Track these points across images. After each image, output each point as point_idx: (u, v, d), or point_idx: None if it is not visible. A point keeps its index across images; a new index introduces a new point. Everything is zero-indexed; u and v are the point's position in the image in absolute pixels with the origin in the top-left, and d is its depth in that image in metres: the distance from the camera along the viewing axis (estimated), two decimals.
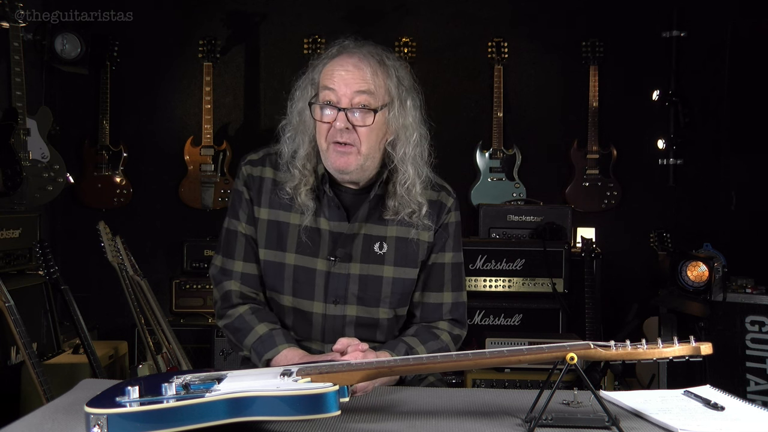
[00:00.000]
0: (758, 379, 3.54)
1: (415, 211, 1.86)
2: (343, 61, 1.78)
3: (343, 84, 1.76)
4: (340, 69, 1.77)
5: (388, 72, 1.81)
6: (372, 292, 1.88)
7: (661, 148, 4.54)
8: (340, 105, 1.76)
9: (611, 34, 4.64)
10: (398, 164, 1.84)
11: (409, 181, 1.84)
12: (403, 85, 1.83)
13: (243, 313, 1.88)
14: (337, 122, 1.76)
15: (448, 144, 4.55)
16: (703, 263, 3.53)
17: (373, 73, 1.78)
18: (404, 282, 1.91)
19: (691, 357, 1.36)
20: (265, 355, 1.79)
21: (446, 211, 1.94)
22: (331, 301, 1.87)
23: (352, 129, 1.76)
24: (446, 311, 1.95)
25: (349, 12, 4.67)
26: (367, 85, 1.76)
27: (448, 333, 1.94)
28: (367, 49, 1.81)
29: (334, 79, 1.77)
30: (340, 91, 1.76)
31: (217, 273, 1.94)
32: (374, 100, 1.77)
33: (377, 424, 1.43)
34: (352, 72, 1.76)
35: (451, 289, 1.96)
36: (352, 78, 1.76)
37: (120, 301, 3.60)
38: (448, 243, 1.95)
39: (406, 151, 1.83)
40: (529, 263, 3.89)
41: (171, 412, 1.25)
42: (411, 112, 1.84)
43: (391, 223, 1.88)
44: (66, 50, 4.17)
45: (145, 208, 4.66)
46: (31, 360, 2.75)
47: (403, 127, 1.83)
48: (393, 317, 1.92)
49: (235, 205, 1.93)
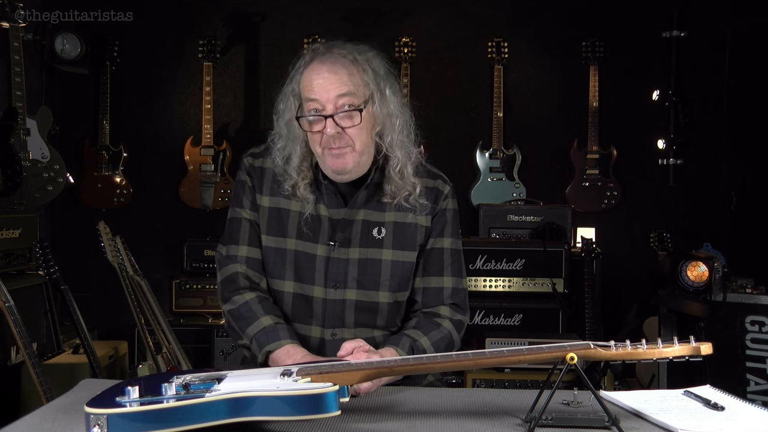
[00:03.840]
0: (758, 379, 3.54)
1: (410, 193, 1.90)
2: (317, 68, 1.81)
3: (323, 91, 1.79)
4: (317, 77, 1.80)
5: (362, 67, 1.83)
6: (371, 275, 1.91)
7: (661, 148, 4.54)
8: (326, 112, 1.79)
9: (611, 34, 4.64)
10: (388, 151, 1.88)
11: (400, 164, 1.88)
12: (380, 75, 1.86)
13: (249, 301, 1.89)
14: (327, 129, 1.79)
15: (448, 144, 4.57)
16: (703, 263, 3.53)
17: (349, 74, 1.81)
18: (403, 265, 1.93)
19: (691, 357, 1.36)
20: (267, 346, 1.80)
21: (443, 198, 1.98)
22: (331, 285, 1.90)
23: (342, 132, 1.80)
24: (447, 296, 1.97)
25: (349, 12, 4.68)
26: (346, 87, 1.79)
27: (449, 319, 1.95)
28: (338, 51, 1.83)
29: (313, 88, 1.80)
30: (322, 99, 1.79)
31: (221, 258, 1.97)
32: (356, 99, 1.81)
33: (377, 424, 1.43)
34: (328, 78, 1.79)
35: (451, 274, 1.97)
36: (330, 84, 1.79)
37: (120, 301, 3.60)
38: (446, 228, 1.97)
39: (393, 137, 1.88)
40: (529, 263, 3.89)
41: (171, 412, 1.25)
42: (392, 99, 1.88)
43: (389, 209, 1.92)
44: (66, 50, 4.17)
45: (145, 208, 4.66)
46: (31, 360, 2.75)
47: (387, 115, 1.87)
48: (393, 302, 1.94)
49: (239, 193, 1.97)
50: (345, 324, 1.91)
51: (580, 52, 4.62)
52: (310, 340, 1.91)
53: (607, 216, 4.67)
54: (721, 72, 4.51)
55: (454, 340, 1.95)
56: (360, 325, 1.92)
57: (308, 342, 1.90)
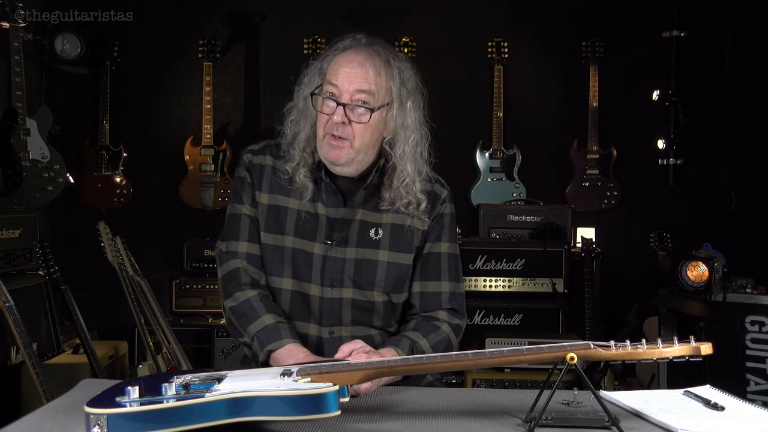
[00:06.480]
0: (758, 379, 3.54)
1: (411, 203, 1.91)
2: (350, 57, 1.84)
3: (346, 81, 1.82)
4: (345, 66, 1.83)
5: (392, 73, 1.86)
6: (367, 275, 1.91)
7: (661, 148, 4.54)
8: (341, 100, 1.82)
9: (611, 34, 4.64)
10: (396, 162, 1.89)
11: (408, 178, 1.90)
12: (406, 87, 1.89)
13: (251, 298, 1.89)
14: (335, 116, 1.82)
15: (448, 144, 4.56)
16: (703, 263, 3.52)
17: (377, 73, 1.83)
18: (399, 267, 1.94)
19: (691, 357, 1.36)
20: (269, 345, 1.80)
21: (441, 202, 1.99)
22: (327, 284, 1.90)
23: (348, 123, 1.83)
24: (445, 300, 1.97)
25: (349, 12, 4.67)
26: (369, 84, 1.82)
27: (448, 323, 1.96)
28: (376, 48, 1.87)
29: (338, 74, 1.83)
30: (342, 87, 1.82)
31: (221, 254, 1.97)
32: (373, 99, 1.83)
33: (377, 424, 1.43)
34: (356, 70, 1.82)
35: (448, 279, 1.98)
36: (356, 76, 1.82)
37: (120, 301, 3.60)
38: (443, 233, 1.98)
39: (405, 150, 1.89)
40: (529, 263, 3.89)
41: (171, 412, 1.25)
42: (411, 113, 1.89)
43: (387, 211, 1.93)
44: (66, 50, 4.17)
45: (145, 208, 4.66)
46: (31, 360, 2.74)
47: (402, 127, 1.88)
48: (387, 301, 1.95)
49: (238, 190, 1.98)
50: (342, 322, 1.92)
51: (580, 52, 4.62)
52: (308, 338, 1.92)
53: (607, 216, 4.67)
54: (721, 72, 4.51)
55: (453, 343, 1.95)
56: (357, 324, 1.93)
57: (306, 340, 1.90)
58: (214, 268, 2.05)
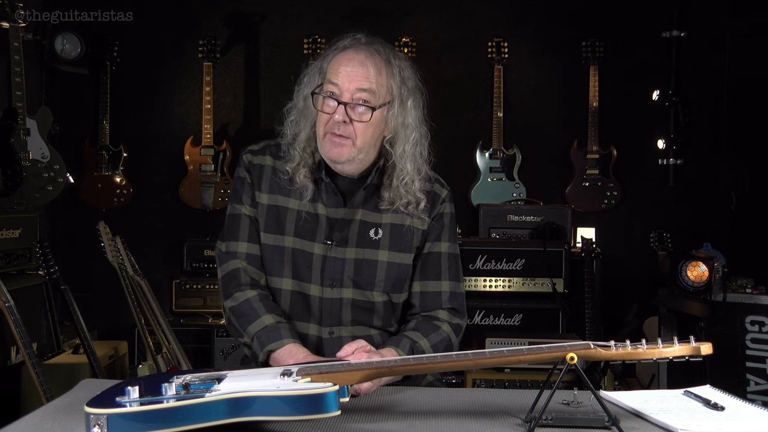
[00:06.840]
0: (758, 379, 3.54)
1: (411, 203, 1.92)
2: (350, 56, 1.84)
3: (347, 80, 1.82)
4: (346, 65, 1.83)
5: (393, 71, 1.86)
6: (366, 275, 1.91)
7: (661, 148, 4.54)
8: (341, 99, 1.82)
9: (611, 34, 4.64)
10: (396, 161, 1.90)
11: (408, 177, 1.90)
12: (407, 86, 1.89)
13: (251, 298, 1.89)
14: (336, 115, 1.82)
15: (448, 144, 4.56)
16: (703, 263, 3.52)
17: (377, 72, 1.83)
18: (399, 267, 1.94)
19: (691, 357, 1.36)
20: (269, 345, 1.80)
21: (440, 202, 1.99)
22: (327, 284, 1.90)
23: (349, 122, 1.83)
24: (445, 300, 1.97)
25: (349, 12, 4.67)
26: (369, 83, 1.82)
27: (448, 323, 1.96)
28: (376, 47, 1.87)
29: (339, 74, 1.83)
30: (342, 86, 1.82)
31: (221, 254, 1.97)
32: (374, 98, 1.83)
33: (377, 424, 1.43)
34: (357, 69, 1.82)
35: (449, 278, 1.98)
36: (356, 75, 1.82)
37: (120, 301, 3.60)
38: (443, 233, 1.99)
39: (405, 149, 1.89)
40: (529, 263, 3.89)
41: (171, 412, 1.25)
42: (411, 112, 1.89)
43: (386, 211, 1.94)
44: (66, 50, 4.17)
45: (145, 208, 4.66)
46: (31, 360, 2.74)
47: (402, 126, 1.89)
48: (387, 301, 1.95)
49: (238, 190, 1.98)
50: (342, 322, 1.92)
51: (580, 52, 4.62)
52: (308, 338, 1.92)
53: (607, 216, 4.67)
54: (721, 72, 4.51)
55: (453, 343, 1.95)
56: (357, 324, 1.93)
57: (306, 340, 1.90)
58: (214, 268, 2.05)
